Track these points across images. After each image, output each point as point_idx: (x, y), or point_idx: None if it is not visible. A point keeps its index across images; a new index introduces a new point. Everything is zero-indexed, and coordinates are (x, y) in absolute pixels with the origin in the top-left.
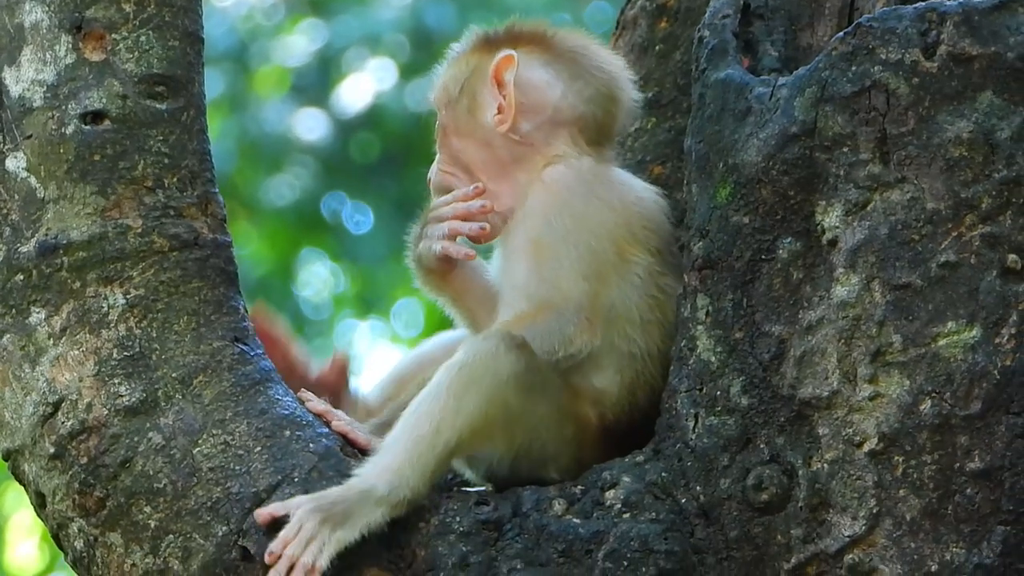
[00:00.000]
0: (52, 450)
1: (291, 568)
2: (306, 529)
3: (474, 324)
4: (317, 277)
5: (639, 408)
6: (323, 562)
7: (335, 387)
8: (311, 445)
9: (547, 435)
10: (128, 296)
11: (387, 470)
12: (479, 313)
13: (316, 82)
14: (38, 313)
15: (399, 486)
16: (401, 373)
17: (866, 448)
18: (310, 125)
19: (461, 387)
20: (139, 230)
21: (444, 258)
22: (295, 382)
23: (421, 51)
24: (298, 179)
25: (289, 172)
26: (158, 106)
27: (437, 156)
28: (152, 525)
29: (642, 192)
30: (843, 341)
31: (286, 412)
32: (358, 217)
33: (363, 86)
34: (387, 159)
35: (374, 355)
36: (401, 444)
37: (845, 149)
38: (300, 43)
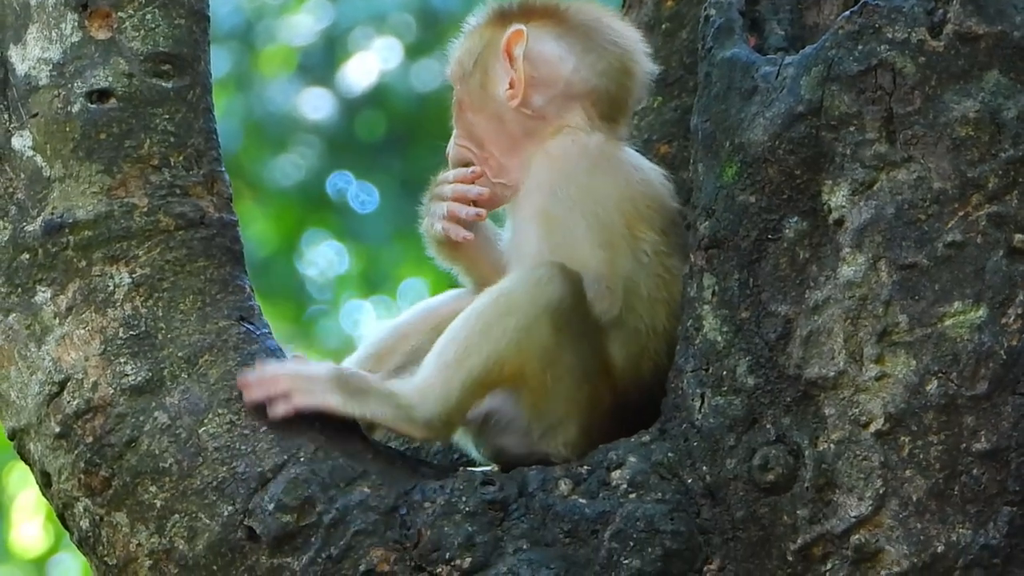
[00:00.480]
0: (58, 429)
1: (264, 386)
2: (312, 372)
3: None
4: (322, 257)
5: (644, 384)
6: (299, 401)
7: None
8: (317, 424)
9: (567, 389)
10: (134, 275)
11: (410, 385)
12: (494, 281)
13: (322, 61)
14: (44, 292)
15: (418, 404)
16: (406, 325)
17: (872, 428)
18: (316, 104)
19: (497, 314)
20: (145, 209)
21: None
22: None
23: (427, 31)
24: (303, 158)
25: (294, 151)
26: (164, 84)
27: (454, 131)
28: (158, 505)
29: (648, 172)
30: (849, 321)
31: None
32: (363, 196)
33: (369, 65)
34: (393, 138)
35: None
36: (428, 367)
37: (851, 128)
38: (306, 22)
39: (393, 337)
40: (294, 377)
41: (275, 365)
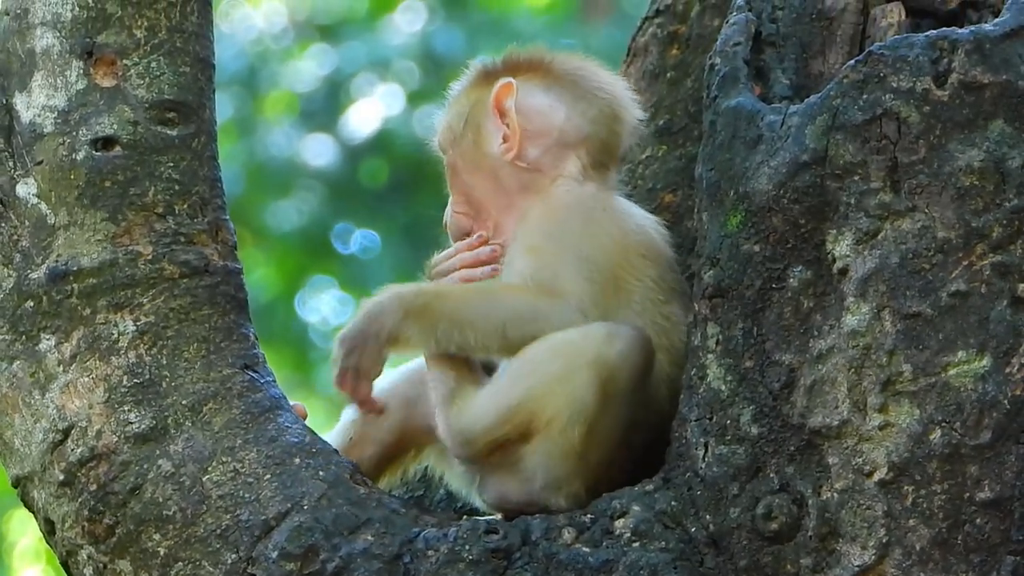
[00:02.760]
0: (61, 477)
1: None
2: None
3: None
4: (325, 304)
5: (650, 429)
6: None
7: None
8: (321, 473)
9: (588, 450)
10: (138, 323)
11: (470, 392)
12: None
13: (324, 107)
14: (48, 340)
15: (459, 412)
16: (390, 389)
17: (876, 478)
18: (318, 150)
19: (550, 355)
20: (149, 257)
21: None
22: None
23: (430, 77)
24: (305, 204)
25: (296, 197)
26: (169, 132)
27: (450, 199)
28: (161, 552)
29: (642, 220)
30: (853, 370)
31: (296, 440)
32: (366, 243)
33: (371, 111)
34: (395, 185)
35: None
36: (486, 394)
37: (856, 177)
38: (309, 68)
39: (381, 397)
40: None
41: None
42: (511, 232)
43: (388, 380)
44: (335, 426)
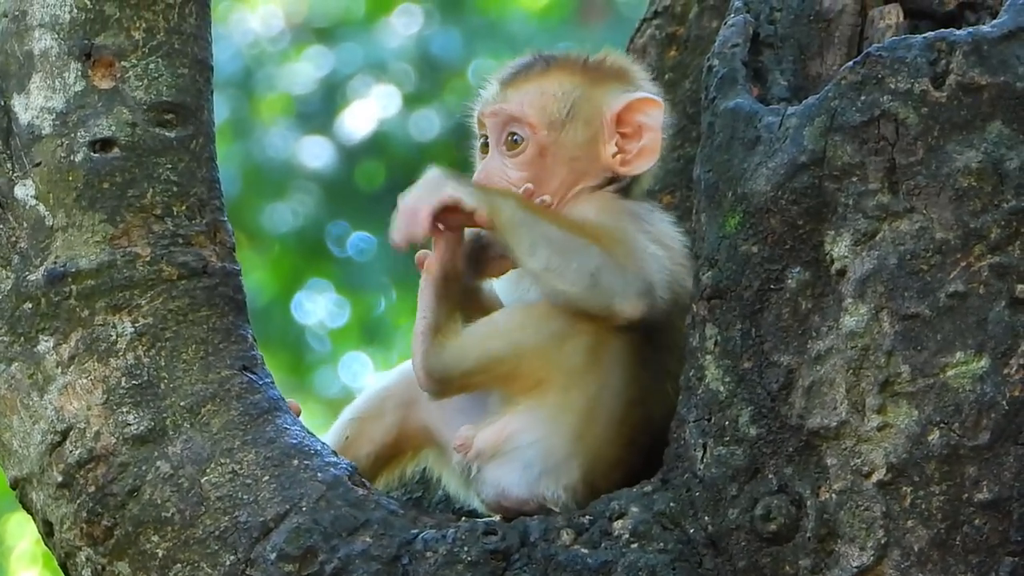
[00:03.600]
0: (60, 479)
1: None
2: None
3: None
4: (321, 307)
5: (653, 429)
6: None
7: None
8: (319, 474)
9: (578, 420)
10: (136, 324)
11: (448, 343)
12: None
13: (320, 109)
14: (46, 341)
15: (439, 352)
16: (386, 390)
17: (874, 478)
18: (314, 152)
19: (542, 315)
20: (148, 258)
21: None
22: None
23: (426, 80)
24: (302, 206)
25: (293, 199)
26: (167, 134)
27: (498, 169)
28: (160, 554)
29: (676, 230)
30: (852, 371)
31: (294, 441)
32: (361, 245)
33: (367, 113)
34: (391, 187)
35: None
36: (469, 334)
37: (854, 179)
38: (305, 70)
39: (376, 400)
40: (448, 240)
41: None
42: None
43: (385, 381)
44: (332, 425)
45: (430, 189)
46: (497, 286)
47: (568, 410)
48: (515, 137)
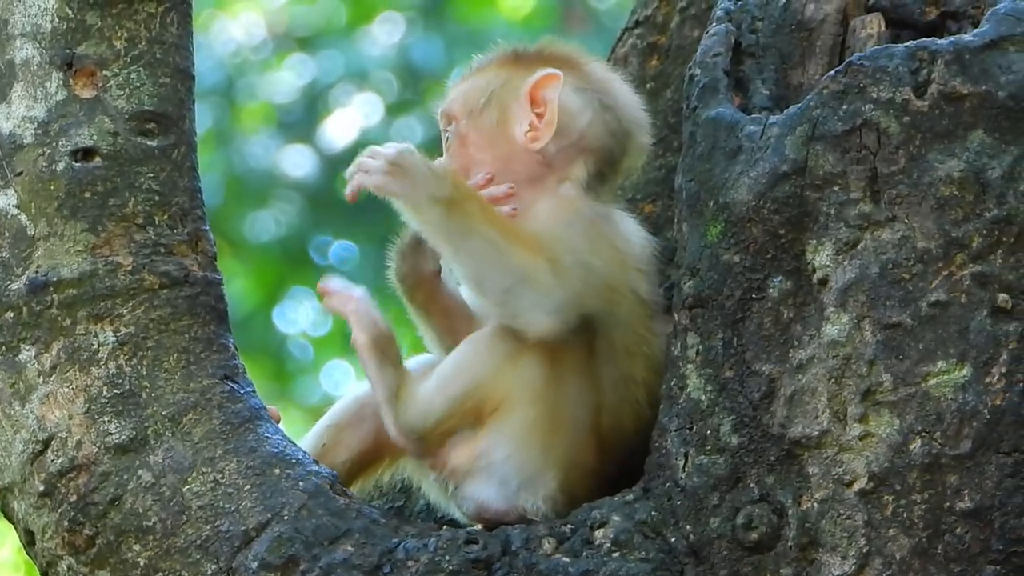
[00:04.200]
0: (42, 488)
1: (341, 299)
2: (369, 314)
3: (448, 349)
4: (303, 316)
5: (628, 439)
6: (352, 308)
7: None
8: (301, 483)
9: (549, 433)
10: (118, 334)
11: (411, 389)
12: (459, 333)
13: (302, 118)
14: (28, 350)
15: (405, 410)
16: (366, 396)
17: (856, 487)
18: (296, 161)
19: (493, 340)
20: (129, 267)
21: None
22: None
23: (408, 88)
24: (284, 215)
25: (275, 207)
26: (149, 143)
27: (442, 163)
28: (141, 563)
29: (636, 234)
30: (833, 380)
31: (276, 450)
32: (344, 254)
33: (350, 122)
34: (374, 195)
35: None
36: (427, 382)
37: (836, 188)
38: (287, 79)
39: (354, 407)
40: (362, 302)
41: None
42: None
43: (363, 388)
44: (309, 431)
45: (359, 178)
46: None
47: (535, 424)
48: (447, 133)
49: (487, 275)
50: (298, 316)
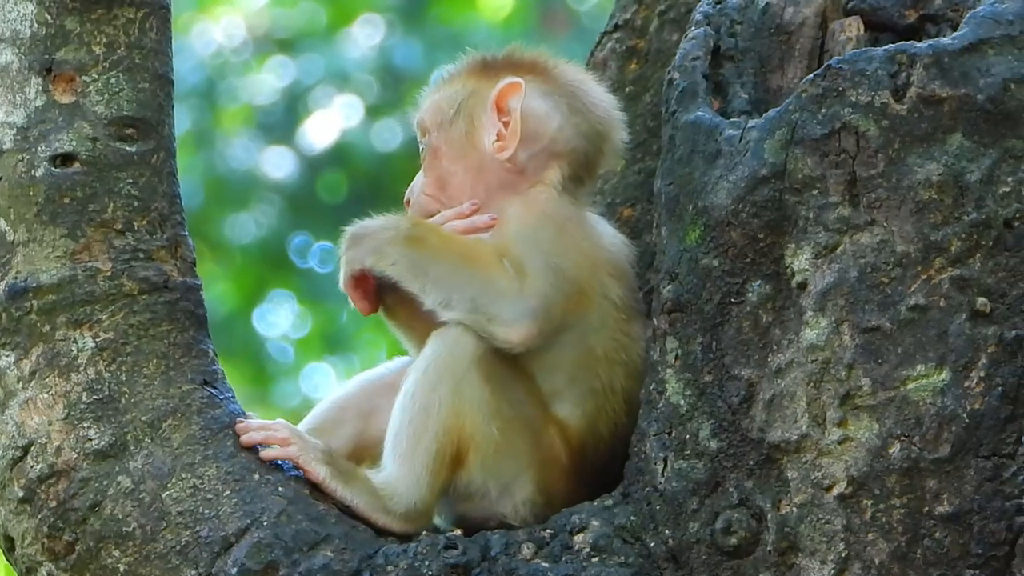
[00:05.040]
0: (21, 494)
1: (265, 431)
2: (309, 439)
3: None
4: (283, 319)
5: (603, 442)
6: (293, 452)
7: None
8: (280, 488)
9: (515, 441)
10: (97, 339)
11: (381, 479)
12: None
13: (283, 120)
14: (7, 356)
15: (393, 496)
16: (345, 400)
17: (835, 492)
18: (277, 163)
19: (429, 387)
20: (108, 273)
21: None
22: None
23: (388, 90)
24: (264, 216)
25: (255, 209)
26: (128, 148)
27: (419, 179)
28: (121, 569)
29: (610, 238)
30: (812, 384)
31: (255, 455)
32: (324, 256)
33: (330, 124)
34: (354, 197)
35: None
36: (390, 462)
37: (815, 191)
38: (267, 81)
39: (334, 411)
40: (293, 434)
41: (278, 422)
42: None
43: (343, 392)
44: None
45: (341, 266)
46: None
47: (500, 436)
48: (422, 145)
49: (453, 295)
50: (278, 319)
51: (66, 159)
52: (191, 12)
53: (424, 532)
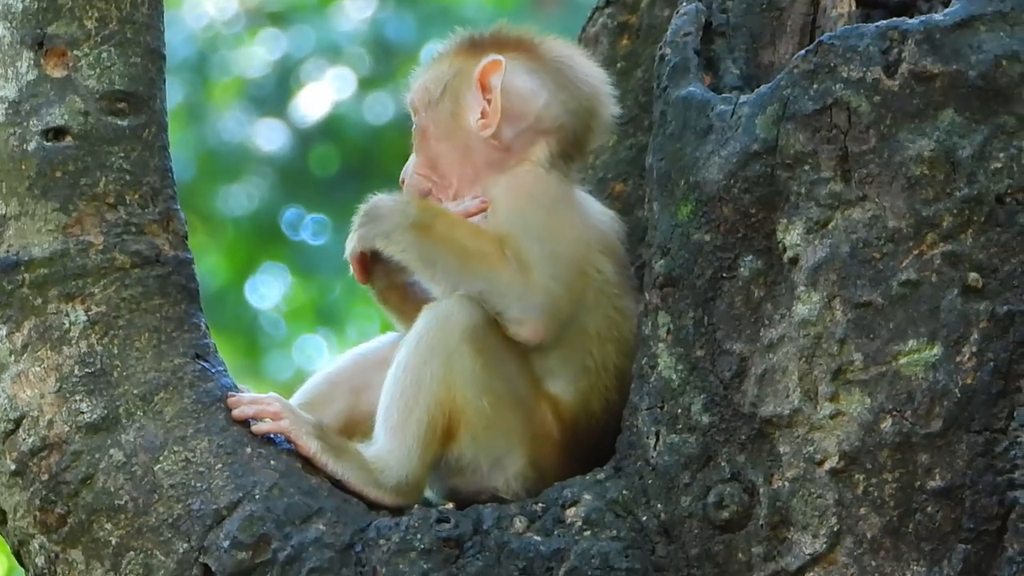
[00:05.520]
0: (13, 467)
1: (257, 405)
2: (301, 414)
3: None
4: (276, 291)
5: (595, 419)
6: (285, 426)
7: None
8: (272, 462)
9: (506, 415)
10: (89, 313)
11: (371, 453)
12: None
13: (274, 92)
14: None
15: (383, 470)
16: (337, 374)
17: (827, 466)
18: (269, 136)
19: (420, 361)
20: (100, 247)
21: None
22: None
23: (380, 64)
24: (256, 189)
25: (247, 182)
26: (120, 123)
27: (412, 158)
28: (113, 542)
29: (600, 214)
30: (804, 359)
31: (247, 429)
32: (316, 229)
33: (322, 97)
34: (346, 170)
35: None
36: (381, 435)
37: (806, 167)
38: (259, 53)
39: (326, 385)
40: (285, 408)
41: (269, 396)
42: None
43: (335, 367)
44: None
45: (351, 239)
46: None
47: (491, 410)
48: (413, 125)
49: (461, 289)
50: (270, 291)
51: (58, 133)
52: None
53: (416, 506)
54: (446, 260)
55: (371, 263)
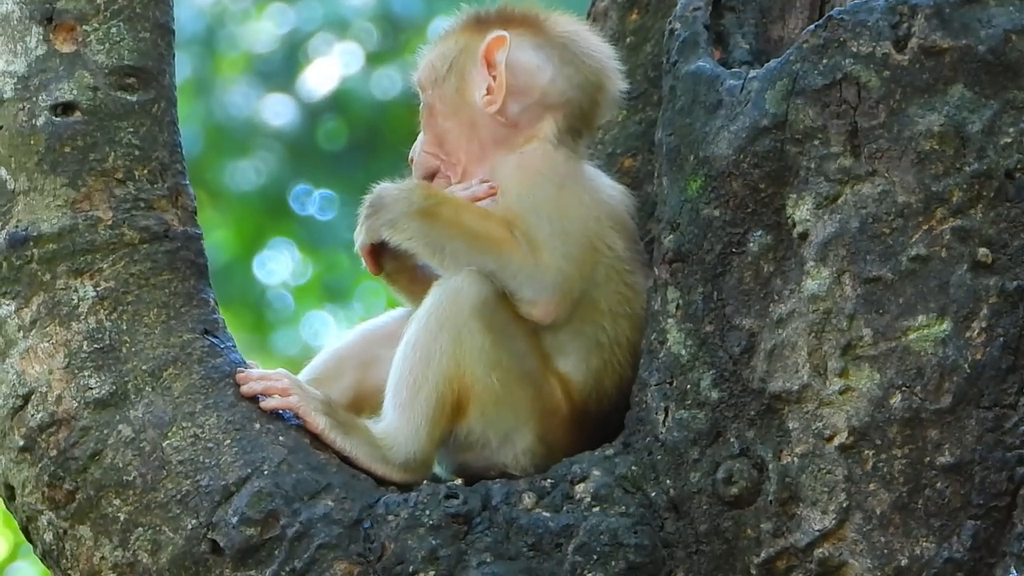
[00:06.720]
0: (22, 442)
1: (265, 381)
2: (310, 390)
3: None
4: (283, 266)
5: (607, 396)
6: (293, 402)
7: None
8: (281, 437)
9: (515, 391)
10: (98, 288)
11: (379, 429)
12: None
13: (282, 67)
14: (8, 305)
15: (392, 447)
16: (345, 350)
17: (836, 442)
18: (277, 110)
19: (430, 337)
20: (109, 222)
21: None
22: None
23: (388, 38)
24: (264, 164)
25: (255, 157)
26: (129, 98)
27: (420, 136)
28: (121, 518)
29: (610, 190)
30: (813, 335)
31: (256, 405)
32: (324, 204)
33: (330, 71)
34: (354, 145)
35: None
36: (389, 411)
37: (816, 142)
38: (267, 28)
39: (334, 361)
40: (293, 384)
41: (278, 372)
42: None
43: (343, 341)
44: None
45: (360, 232)
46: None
47: (500, 386)
48: (420, 103)
49: (478, 267)
50: (278, 266)
51: (67, 108)
52: None
53: (425, 482)
54: (454, 245)
55: (380, 248)
